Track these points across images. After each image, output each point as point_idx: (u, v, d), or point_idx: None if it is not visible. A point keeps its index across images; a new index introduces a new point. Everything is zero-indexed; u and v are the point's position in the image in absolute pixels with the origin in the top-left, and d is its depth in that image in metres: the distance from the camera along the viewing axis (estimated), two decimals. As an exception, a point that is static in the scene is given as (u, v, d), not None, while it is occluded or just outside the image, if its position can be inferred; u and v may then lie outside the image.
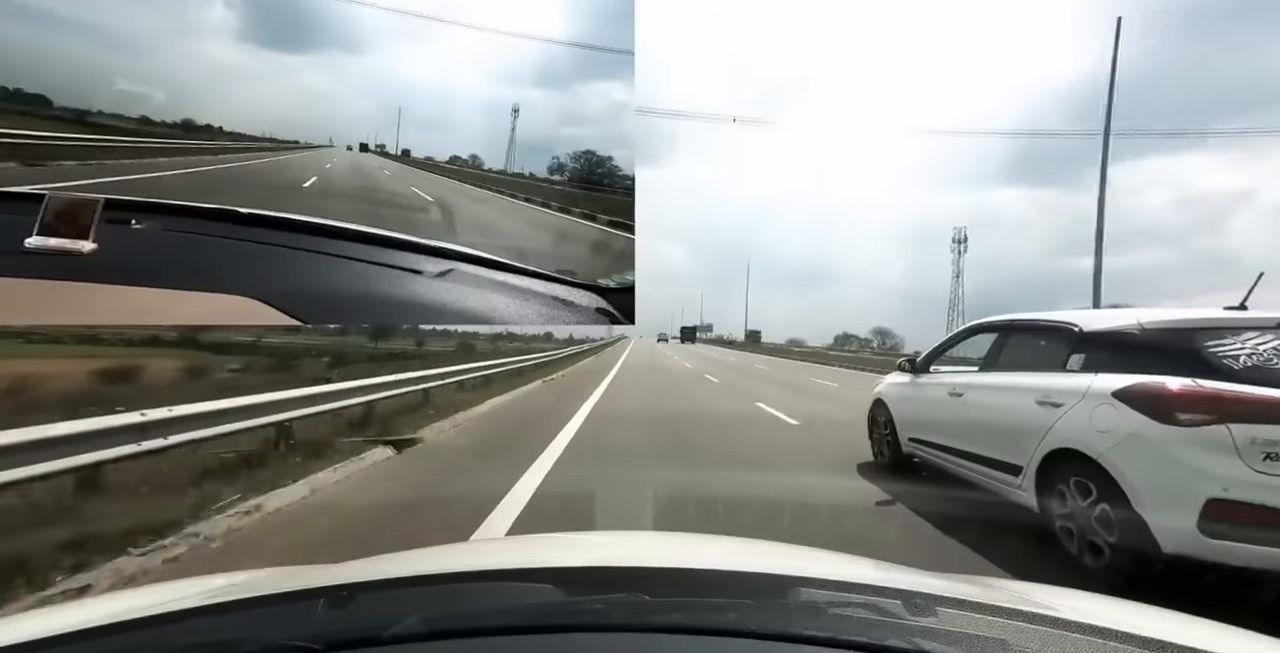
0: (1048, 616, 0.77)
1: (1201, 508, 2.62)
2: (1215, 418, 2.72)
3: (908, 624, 0.69)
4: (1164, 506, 2.75)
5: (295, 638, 0.64)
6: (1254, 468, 2.59)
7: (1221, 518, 2.60)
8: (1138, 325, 3.28)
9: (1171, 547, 2.69)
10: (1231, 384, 2.79)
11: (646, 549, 1.29)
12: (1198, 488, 2.66)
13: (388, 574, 0.95)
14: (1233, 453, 2.64)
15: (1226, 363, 2.87)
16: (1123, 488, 2.88)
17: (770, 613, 0.74)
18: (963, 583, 1.05)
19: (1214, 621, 0.93)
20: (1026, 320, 4.15)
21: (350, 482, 4.67)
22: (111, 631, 0.73)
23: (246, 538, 3.41)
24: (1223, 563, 2.60)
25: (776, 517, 3.80)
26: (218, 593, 0.93)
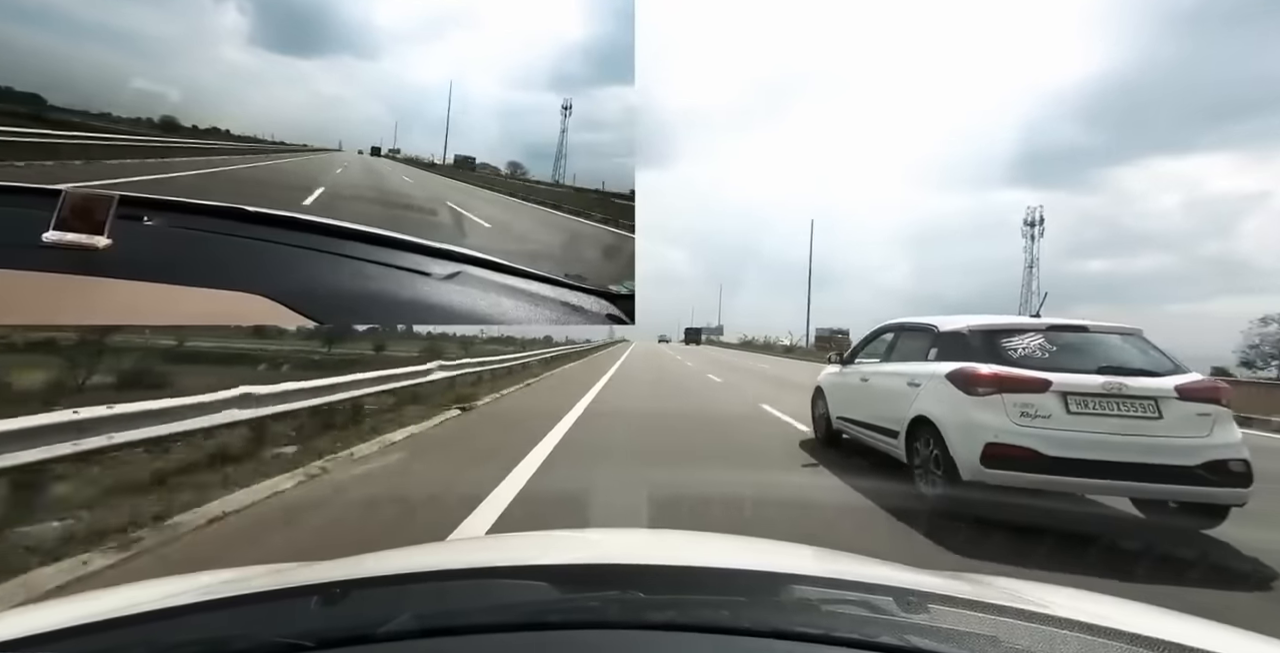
0: (1039, 612, 0.77)
1: (982, 449, 3.96)
2: (995, 390, 4.07)
3: (900, 621, 0.70)
4: (963, 449, 4.08)
5: (288, 635, 0.64)
6: (1014, 422, 3.96)
7: (994, 456, 3.93)
8: (966, 327, 4.61)
9: (967, 476, 4.03)
10: (1008, 367, 4.16)
11: (640, 547, 1.29)
12: (981, 436, 3.99)
13: (381, 571, 0.95)
14: (1003, 413, 3.99)
15: (1009, 353, 4.27)
16: (945, 440, 4.25)
17: (764, 610, 0.74)
18: (955, 580, 1.06)
19: (1206, 619, 0.93)
20: (911, 323, 5.52)
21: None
22: (102, 627, 0.72)
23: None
24: (993, 484, 3.92)
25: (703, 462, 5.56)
26: (210, 590, 0.92)
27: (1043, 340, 4.29)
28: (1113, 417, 3.88)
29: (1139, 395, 3.90)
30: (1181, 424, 3.83)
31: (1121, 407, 3.89)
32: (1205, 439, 3.79)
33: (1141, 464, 3.72)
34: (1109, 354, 4.25)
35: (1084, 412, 3.90)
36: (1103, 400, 3.91)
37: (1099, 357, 4.22)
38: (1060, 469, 3.78)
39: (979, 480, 3.95)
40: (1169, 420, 3.84)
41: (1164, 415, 3.85)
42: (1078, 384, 3.96)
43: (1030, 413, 3.93)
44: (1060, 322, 4.45)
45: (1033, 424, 3.91)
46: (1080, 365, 4.11)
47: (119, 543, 3.26)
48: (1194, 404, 3.87)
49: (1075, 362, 4.16)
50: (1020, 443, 3.87)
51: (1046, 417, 3.91)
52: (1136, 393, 3.90)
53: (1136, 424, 3.84)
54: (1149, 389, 3.92)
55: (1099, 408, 3.90)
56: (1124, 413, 3.88)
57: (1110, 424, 3.85)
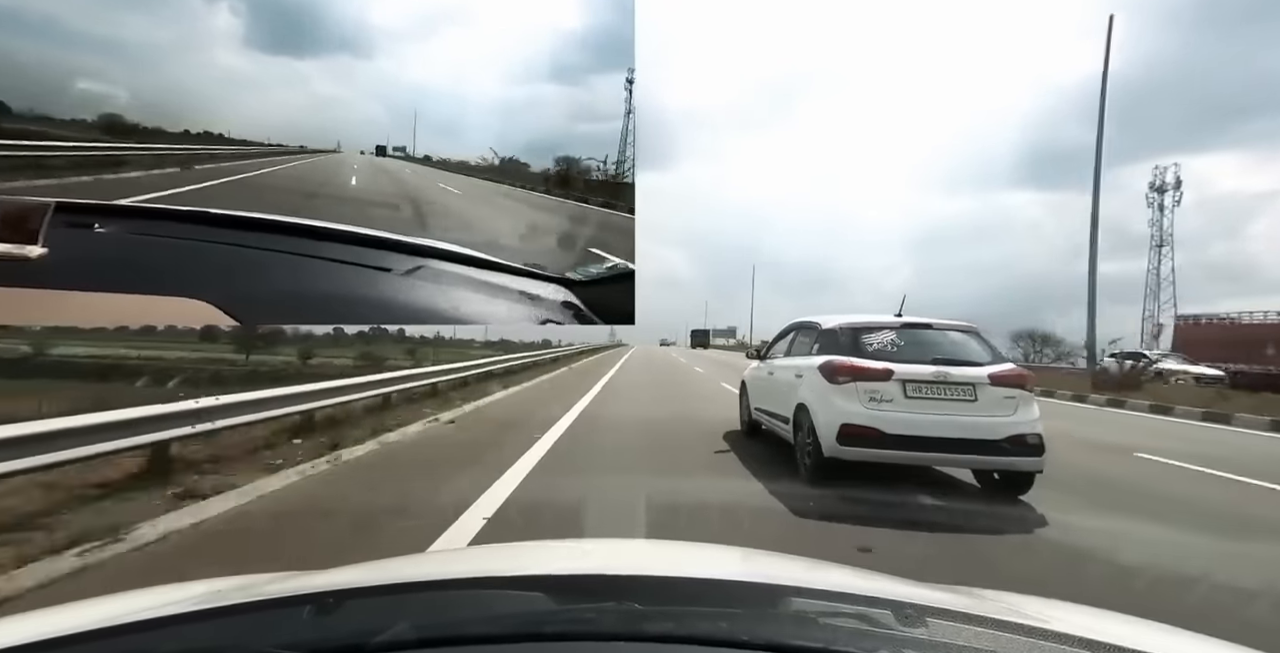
0: (1038, 627, 0.77)
1: (838, 430, 4.58)
2: (851, 379, 4.69)
3: (897, 635, 0.70)
4: (825, 429, 4.68)
5: (282, 646, 0.64)
6: (864, 405, 4.58)
7: (847, 435, 4.55)
8: (838, 325, 5.25)
9: (828, 453, 4.64)
10: (863, 359, 4.78)
11: (637, 557, 1.28)
12: (838, 418, 4.62)
13: (376, 581, 0.92)
14: (855, 398, 4.62)
15: (867, 347, 4.88)
16: (814, 422, 4.85)
17: (761, 622, 0.74)
18: (953, 594, 1.05)
19: (1206, 635, 0.93)
20: (805, 321, 6.12)
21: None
22: (92, 637, 0.72)
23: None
24: (846, 459, 4.59)
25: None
26: (203, 599, 0.91)
27: (894, 336, 4.95)
28: (940, 400, 4.56)
29: (960, 382, 4.58)
30: (992, 405, 4.54)
31: (946, 392, 4.58)
32: (1009, 418, 4.52)
33: (960, 439, 4.46)
34: (944, 347, 4.93)
35: (918, 396, 4.57)
36: (932, 386, 4.58)
37: (935, 349, 4.88)
38: (898, 445, 4.48)
39: (836, 457, 4.60)
40: (982, 402, 4.55)
41: (979, 398, 4.56)
42: (913, 373, 4.60)
43: (877, 398, 4.58)
44: (911, 320, 5.16)
45: (879, 408, 4.56)
46: (919, 357, 4.76)
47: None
48: (1002, 389, 4.59)
49: (916, 354, 4.80)
50: (867, 424, 4.52)
51: (890, 401, 4.57)
52: (958, 380, 4.58)
53: (957, 406, 4.54)
54: (968, 377, 4.59)
55: (929, 393, 4.58)
56: (948, 397, 4.56)
57: (937, 406, 4.54)
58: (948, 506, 4.47)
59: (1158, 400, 12.18)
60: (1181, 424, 10.39)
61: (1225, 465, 6.25)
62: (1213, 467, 6.20)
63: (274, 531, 3.72)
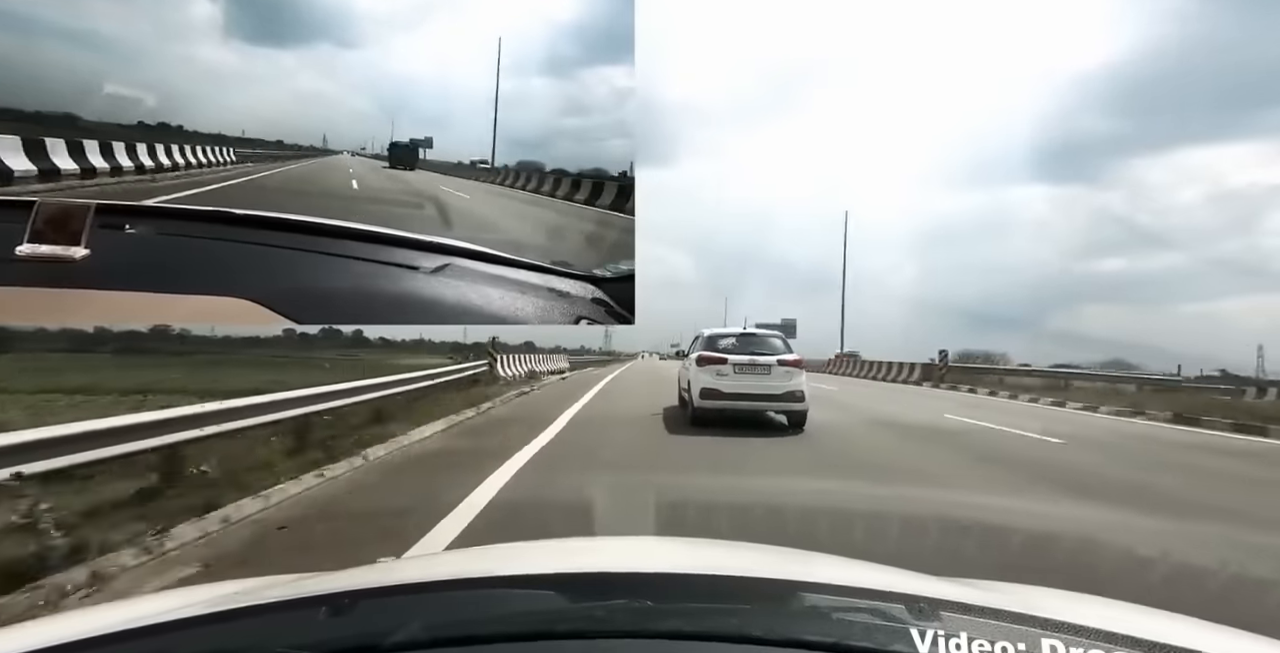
0: (1052, 620, 0.77)
1: (700, 391, 8.99)
2: (709, 364, 9.08)
3: (911, 628, 0.70)
4: (696, 392, 9.07)
5: (297, 647, 0.65)
6: (713, 378, 8.96)
7: (705, 394, 8.95)
8: (711, 333, 9.88)
9: (696, 404, 9.08)
10: (716, 353, 9.20)
11: (647, 554, 1.29)
12: (701, 386, 9.00)
13: (389, 581, 0.94)
14: (711, 374, 9.00)
15: (719, 345, 9.43)
16: (691, 390, 9.27)
17: (774, 618, 0.75)
18: (967, 587, 1.05)
19: (1225, 626, 0.93)
20: (700, 332, 10.25)
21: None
22: (112, 640, 0.73)
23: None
24: (707, 407, 8.99)
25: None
26: (218, 602, 0.92)
27: (734, 340, 9.58)
28: (751, 375, 8.90)
29: (762, 364, 8.94)
30: (779, 377, 8.91)
31: (755, 370, 8.93)
32: (787, 383, 8.89)
33: (762, 394, 8.90)
34: (760, 345, 9.43)
35: (741, 372, 8.90)
36: (748, 367, 8.93)
37: (754, 346, 9.36)
38: (731, 399, 8.85)
39: (701, 406, 8.99)
40: (774, 375, 8.92)
41: (772, 373, 8.92)
42: (739, 359, 8.98)
43: (720, 374, 8.93)
44: (744, 331, 10.34)
45: (721, 380, 8.90)
46: (744, 350, 9.20)
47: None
48: (786, 368, 8.96)
49: (743, 348, 9.24)
50: (716, 387, 8.88)
51: (726, 376, 8.90)
52: (762, 363, 8.96)
53: (760, 377, 8.91)
54: (768, 361, 8.99)
55: (747, 371, 8.91)
56: (756, 373, 8.91)
57: (751, 377, 8.89)
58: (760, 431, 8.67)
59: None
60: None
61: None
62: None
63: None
